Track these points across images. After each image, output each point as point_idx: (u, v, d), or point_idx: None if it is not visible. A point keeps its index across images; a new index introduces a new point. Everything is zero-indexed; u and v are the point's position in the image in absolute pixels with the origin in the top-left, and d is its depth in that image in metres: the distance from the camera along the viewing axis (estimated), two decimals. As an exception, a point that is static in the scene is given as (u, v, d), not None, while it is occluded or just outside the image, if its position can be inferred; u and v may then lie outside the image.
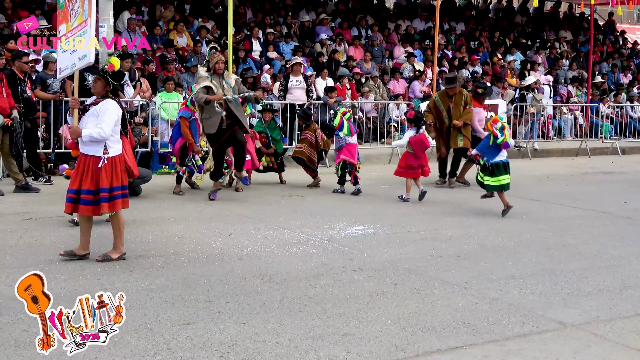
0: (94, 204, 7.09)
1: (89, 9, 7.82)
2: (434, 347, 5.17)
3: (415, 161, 11.30)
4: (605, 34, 27.75)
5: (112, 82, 7.26)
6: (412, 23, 23.17)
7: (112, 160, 7.10)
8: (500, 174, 10.28)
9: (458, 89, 12.91)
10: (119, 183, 7.15)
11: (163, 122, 14.20)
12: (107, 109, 7.08)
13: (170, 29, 17.91)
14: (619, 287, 6.80)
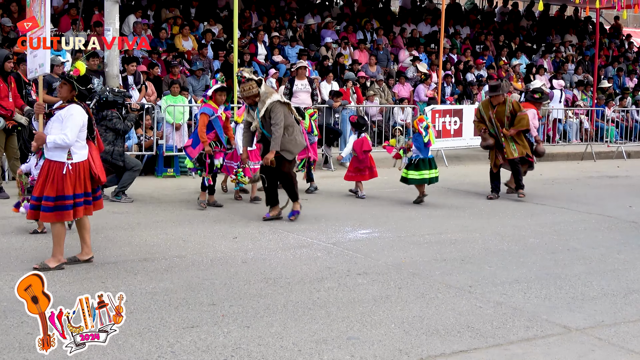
0: (55, 210, 6.90)
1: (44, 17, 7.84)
2: (438, 351, 5.17)
3: (360, 164, 11.71)
4: (610, 38, 27.70)
5: (78, 87, 7.11)
6: (418, 27, 23.16)
7: (76, 167, 6.96)
8: (425, 168, 11.31)
9: (502, 98, 12.04)
10: (82, 190, 6.99)
11: (168, 125, 14.22)
12: (72, 114, 6.94)
13: (175, 33, 17.93)
14: (623, 292, 6.79)
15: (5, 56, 11.73)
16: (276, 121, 9.26)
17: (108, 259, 7.48)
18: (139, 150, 13.89)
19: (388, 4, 24.86)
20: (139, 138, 13.93)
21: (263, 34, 19.03)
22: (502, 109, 11.98)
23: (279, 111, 9.29)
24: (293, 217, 9.61)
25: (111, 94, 10.95)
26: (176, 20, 18.31)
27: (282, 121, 9.26)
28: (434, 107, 17.07)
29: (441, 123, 16.68)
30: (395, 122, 17.95)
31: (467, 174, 15.39)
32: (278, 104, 9.31)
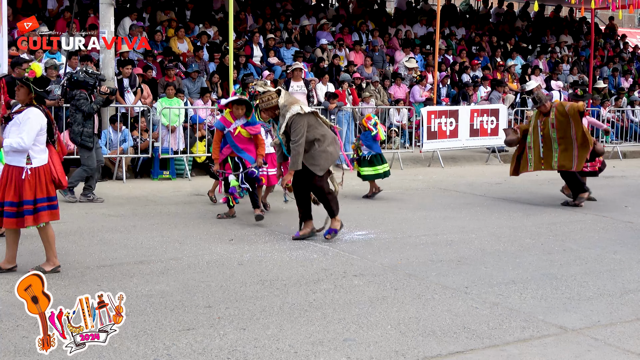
0: (17, 216, 6.82)
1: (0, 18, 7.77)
2: (435, 352, 5.17)
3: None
4: (606, 38, 27.74)
5: (35, 89, 6.97)
6: (413, 28, 23.17)
7: (36, 171, 6.81)
8: (378, 164, 11.80)
9: (548, 106, 11.47)
10: (44, 194, 6.85)
11: (164, 127, 14.21)
12: (29, 117, 6.79)
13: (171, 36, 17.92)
14: (619, 292, 6.79)
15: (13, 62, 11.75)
16: (295, 138, 8.24)
17: (104, 261, 7.47)
18: (135, 153, 13.88)
19: (383, 6, 24.86)
20: (134, 140, 13.92)
21: (258, 35, 19.02)
22: (547, 118, 11.43)
23: (299, 125, 8.23)
24: (329, 236, 8.52)
25: (82, 75, 11.03)
26: (171, 22, 18.29)
27: (302, 136, 8.20)
28: (430, 108, 17.07)
29: (437, 124, 16.69)
30: (391, 123, 17.96)
31: (462, 175, 15.40)
32: (298, 117, 8.24)
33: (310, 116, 8.38)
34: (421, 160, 17.02)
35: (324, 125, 8.54)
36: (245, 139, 9.66)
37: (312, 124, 8.36)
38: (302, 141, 8.22)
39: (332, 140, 8.49)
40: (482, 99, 19.46)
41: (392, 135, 17.55)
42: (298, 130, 8.21)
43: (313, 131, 8.34)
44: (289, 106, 8.29)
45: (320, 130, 8.43)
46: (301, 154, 8.24)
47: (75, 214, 10.00)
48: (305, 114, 8.28)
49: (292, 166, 8.35)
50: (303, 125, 8.23)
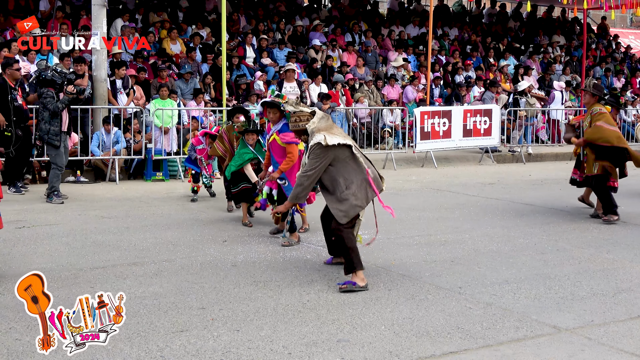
0: None
1: None
2: (428, 352, 5.17)
3: None
4: (598, 38, 27.83)
5: None
6: (406, 29, 23.21)
7: None
8: None
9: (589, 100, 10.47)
10: None
11: (157, 129, 14.19)
12: None
13: (163, 37, 17.90)
14: (612, 291, 6.80)
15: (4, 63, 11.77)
16: (306, 169, 6.87)
17: (97, 263, 7.45)
18: (128, 154, 13.85)
19: (376, 6, 24.88)
20: (127, 142, 13.89)
21: (251, 36, 19.02)
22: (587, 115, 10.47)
23: (319, 158, 6.77)
24: (343, 287, 6.68)
25: (51, 73, 11.19)
26: (164, 23, 18.27)
27: (315, 171, 6.78)
28: (423, 108, 17.09)
29: (430, 124, 16.70)
30: (384, 124, 17.97)
31: (456, 175, 15.41)
32: (319, 149, 6.76)
33: (340, 150, 6.82)
34: (414, 161, 17.03)
35: (360, 163, 6.92)
36: (279, 149, 8.44)
37: (342, 159, 6.84)
38: (314, 176, 6.81)
39: (362, 184, 6.89)
40: (476, 99, 19.49)
41: (385, 135, 17.56)
42: (313, 162, 6.79)
43: (342, 168, 6.84)
44: (315, 133, 6.86)
45: (352, 167, 6.87)
46: (307, 189, 6.91)
47: (68, 216, 9.98)
48: (331, 146, 6.74)
49: (292, 198, 7.10)
50: (323, 158, 6.76)
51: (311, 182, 6.86)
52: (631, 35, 34.87)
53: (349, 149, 6.86)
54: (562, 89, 21.45)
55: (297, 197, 7.00)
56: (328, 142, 6.71)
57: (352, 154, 6.88)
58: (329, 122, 7.02)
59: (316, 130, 6.87)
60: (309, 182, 6.86)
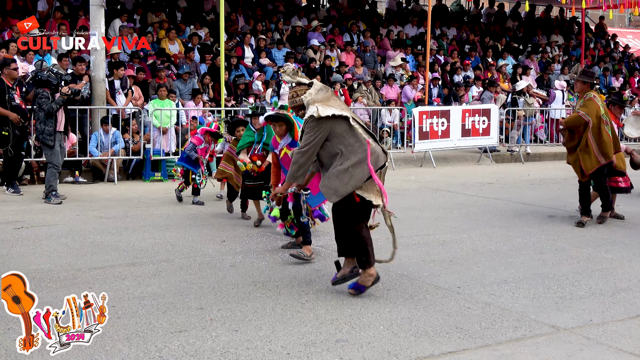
0: None
1: None
2: (427, 352, 5.17)
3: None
4: (596, 38, 27.85)
5: None
6: (404, 28, 23.21)
7: None
8: None
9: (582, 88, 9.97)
10: None
11: (155, 129, 14.18)
12: None
13: (162, 37, 17.89)
14: (611, 291, 6.81)
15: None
16: (301, 145, 6.37)
17: (95, 264, 7.44)
18: (126, 155, 13.85)
19: (374, 6, 24.89)
20: (126, 142, 13.89)
21: (250, 37, 19.02)
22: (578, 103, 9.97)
23: (313, 131, 6.26)
24: (352, 291, 6.45)
25: (47, 73, 11.29)
26: (162, 24, 18.27)
27: (311, 146, 6.27)
28: (422, 108, 17.09)
29: (428, 124, 16.71)
30: (382, 123, 17.97)
31: (455, 175, 15.42)
32: (313, 121, 6.26)
33: (337, 122, 6.28)
34: (413, 161, 17.04)
35: (359, 135, 6.32)
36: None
37: (339, 132, 6.27)
38: (309, 152, 6.30)
39: (359, 159, 6.24)
40: (474, 99, 19.50)
41: (384, 135, 17.56)
42: (307, 138, 6.28)
43: (338, 142, 6.28)
44: (311, 103, 6.33)
45: (349, 141, 6.28)
46: (303, 166, 6.40)
47: (67, 217, 9.97)
48: (325, 118, 6.21)
49: (288, 177, 6.57)
50: (317, 132, 6.23)
51: (307, 159, 6.33)
52: (629, 35, 34.91)
53: (346, 120, 6.28)
54: (563, 88, 21.45)
55: (294, 176, 6.47)
56: (321, 113, 6.18)
57: (350, 127, 6.28)
58: (328, 93, 6.45)
59: (311, 102, 6.33)
60: (304, 159, 6.32)
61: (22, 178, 12.86)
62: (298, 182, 6.64)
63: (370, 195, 6.27)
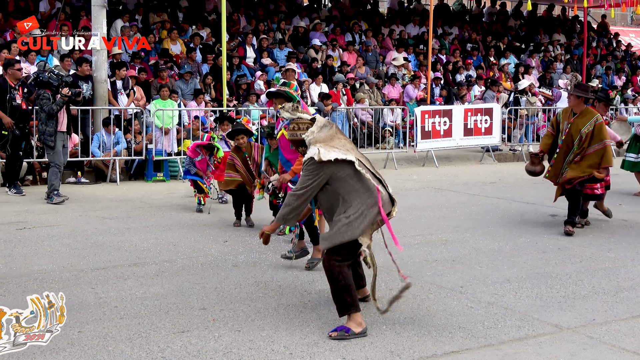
0: None
1: None
2: (430, 352, 5.16)
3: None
4: (598, 37, 27.82)
5: None
6: (406, 28, 23.20)
7: None
8: None
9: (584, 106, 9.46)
10: None
11: (157, 129, 14.18)
12: None
13: (164, 37, 17.90)
14: (614, 290, 6.79)
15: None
16: (296, 188, 5.79)
17: (98, 264, 7.44)
18: (128, 155, 13.85)
19: (376, 6, 24.88)
20: (128, 143, 13.89)
21: (251, 36, 19.02)
22: (583, 121, 9.28)
23: (311, 174, 5.66)
24: (334, 334, 5.48)
25: (48, 75, 11.34)
26: (164, 24, 18.27)
27: (306, 191, 5.69)
28: (424, 107, 17.08)
29: (431, 124, 16.69)
30: (384, 123, 17.96)
31: (457, 175, 15.40)
32: (312, 164, 5.64)
33: (339, 166, 5.65)
34: (415, 160, 17.02)
35: (365, 181, 5.70)
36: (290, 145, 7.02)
37: (342, 177, 5.66)
38: (305, 196, 5.72)
39: (363, 206, 5.64)
40: (476, 98, 19.48)
41: (386, 135, 17.56)
42: (304, 180, 5.70)
43: (341, 187, 5.67)
44: (313, 143, 5.73)
45: (353, 187, 5.67)
46: (295, 210, 5.78)
47: (69, 217, 9.97)
48: (326, 162, 5.59)
49: (278, 219, 5.95)
50: (316, 176, 5.64)
51: (301, 203, 5.75)
52: (632, 34, 34.88)
53: (350, 165, 5.66)
54: (567, 87, 21.41)
55: (285, 218, 5.86)
56: (322, 157, 5.57)
57: (355, 172, 5.67)
58: (331, 131, 5.85)
59: (313, 142, 5.74)
60: (298, 203, 5.74)
61: (24, 179, 12.87)
62: (289, 225, 6.20)
63: (363, 239, 5.70)
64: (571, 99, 9.45)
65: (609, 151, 9.41)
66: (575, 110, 9.35)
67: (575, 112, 9.33)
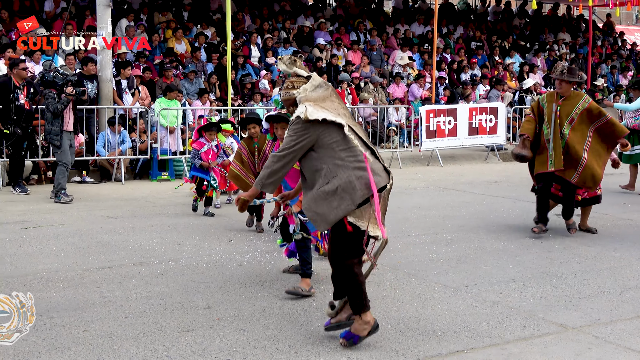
0: None
1: None
2: (435, 351, 5.15)
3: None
4: (604, 36, 27.77)
5: None
6: (411, 27, 23.19)
7: None
8: None
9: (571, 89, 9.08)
10: None
11: (163, 129, 14.19)
12: None
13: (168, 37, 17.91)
14: (620, 289, 6.78)
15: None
16: (280, 149, 5.23)
17: (103, 263, 7.45)
18: (133, 154, 13.87)
19: (381, 5, 24.88)
20: (133, 142, 13.91)
21: (256, 36, 19.03)
22: (573, 102, 8.95)
23: (295, 135, 5.12)
24: (343, 341, 5.21)
25: (53, 74, 11.38)
26: (169, 23, 18.29)
27: (289, 152, 5.13)
28: (428, 106, 17.07)
29: (435, 123, 16.68)
30: (389, 122, 17.95)
31: (462, 174, 15.39)
32: (298, 123, 5.13)
33: (328, 129, 5.11)
34: (420, 159, 17.01)
35: (354, 148, 5.15)
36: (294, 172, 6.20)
37: (328, 143, 5.10)
38: (287, 158, 5.15)
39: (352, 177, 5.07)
40: (481, 97, 19.46)
41: (390, 134, 17.55)
42: (288, 141, 5.15)
43: (326, 155, 5.11)
44: (300, 104, 5.21)
45: (340, 155, 5.10)
46: (275, 174, 5.20)
47: (74, 216, 9.99)
48: (313, 121, 5.08)
49: (257, 182, 5.34)
50: (301, 136, 5.10)
51: (283, 166, 5.15)
52: (637, 32, 34.80)
53: (339, 130, 5.10)
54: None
55: (263, 183, 5.24)
56: (309, 115, 5.03)
57: (344, 138, 5.10)
58: (326, 92, 5.29)
59: (303, 100, 5.19)
60: (279, 165, 5.14)
61: (29, 178, 12.90)
62: (267, 191, 5.38)
63: (364, 223, 5.08)
64: (563, 85, 8.99)
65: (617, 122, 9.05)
66: (564, 94, 9.00)
67: (562, 96, 8.97)
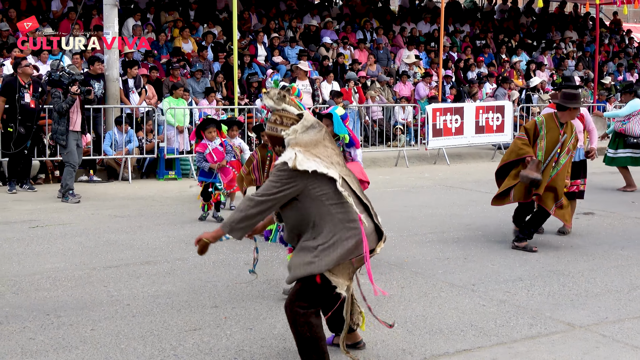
0: None
1: None
2: (442, 350, 5.15)
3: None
4: (611, 34, 27.69)
5: None
6: (417, 25, 23.16)
7: None
8: None
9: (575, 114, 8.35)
10: None
11: (170, 128, 14.20)
12: None
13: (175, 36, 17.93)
14: (627, 288, 6.76)
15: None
16: (259, 192, 4.51)
17: (110, 262, 7.47)
18: (140, 153, 13.89)
19: (387, 3, 24.86)
20: (140, 141, 13.93)
21: (263, 35, 19.03)
22: (570, 130, 8.28)
23: (278, 182, 4.44)
24: None
25: (60, 73, 11.43)
26: (176, 22, 18.31)
27: (268, 199, 4.44)
28: (435, 105, 17.05)
29: (442, 121, 16.65)
30: (396, 121, 17.94)
31: (469, 172, 15.36)
32: (283, 170, 4.43)
33: (318, 181, 4.46)
34: (427, 158, 17.00)
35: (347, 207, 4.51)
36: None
37: (316, 196, 4.45)
38: (265, 206, 4.47)
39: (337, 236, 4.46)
40: (488, 96, 19.43)
41: (397, 133, 17.53)
42: (269, 186, 4.45)
43: (313, 207, 4.47)
44: (289, 147, 4.51)
45: (328, 210, 4.46)
46: (249, 219, 4.50)
47: (82, 215, 10.01)
48: (302, 172, 4.41)
49: (224, 225, 4.60)
50: (285, 185, 4.43)
51: (257, 213, 4.47)
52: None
53: (330, 183, 4.47)
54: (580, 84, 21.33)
55: (232, 227, 4.54)
56: (297, 164, 4.37)
57: (336, 192, 4.47)
58: (319, 135, 4.59)
59: (293, 143, 4.50)
60: (253, 212, 4.46)
61: (37, 177, 12.94)
62: (235, 237, 4.60)
63: (337, 280, 4.51)
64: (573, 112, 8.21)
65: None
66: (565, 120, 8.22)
67: (563, 123, 8.20)
